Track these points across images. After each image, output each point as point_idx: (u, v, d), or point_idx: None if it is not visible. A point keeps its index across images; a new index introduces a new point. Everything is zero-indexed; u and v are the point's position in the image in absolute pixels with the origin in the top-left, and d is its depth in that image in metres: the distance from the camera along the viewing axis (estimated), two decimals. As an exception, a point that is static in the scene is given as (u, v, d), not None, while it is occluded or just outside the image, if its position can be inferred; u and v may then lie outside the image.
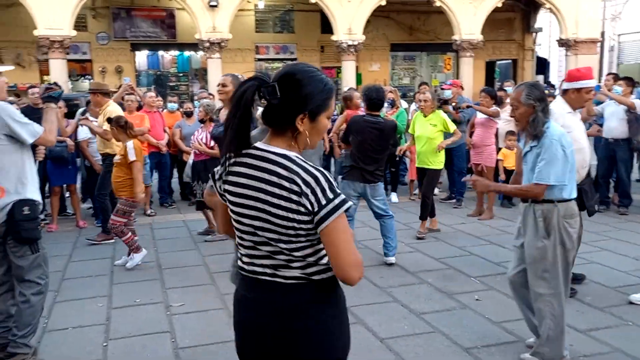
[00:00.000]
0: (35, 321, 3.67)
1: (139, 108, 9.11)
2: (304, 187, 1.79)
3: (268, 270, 1.92)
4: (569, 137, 3.57)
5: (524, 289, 3.76)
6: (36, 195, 3.65)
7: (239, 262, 2.01)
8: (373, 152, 5.69)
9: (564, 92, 4.54)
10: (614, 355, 3.77)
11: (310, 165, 1.84)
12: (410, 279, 5.36)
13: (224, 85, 5.01)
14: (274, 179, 1.83)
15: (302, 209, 1.80)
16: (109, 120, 5.88)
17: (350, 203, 1.84)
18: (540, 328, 3.63)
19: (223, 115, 5.16)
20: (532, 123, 3.48)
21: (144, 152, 6.86)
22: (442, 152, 6.84)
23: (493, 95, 7.97)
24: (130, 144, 5.62)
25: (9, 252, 3.56)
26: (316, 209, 1.79)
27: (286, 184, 1.81)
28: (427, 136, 6.70)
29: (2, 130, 3.48)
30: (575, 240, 3.63)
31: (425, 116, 6.80)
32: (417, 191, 9.06)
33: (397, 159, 9.16)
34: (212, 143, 6.41)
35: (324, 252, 1.90)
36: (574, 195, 3.57)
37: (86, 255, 6.23)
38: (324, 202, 1.78)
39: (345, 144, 6.09)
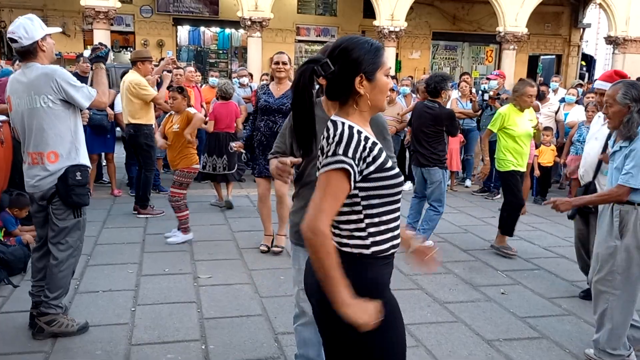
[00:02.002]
0: (66, 283, 3.73)
1: (178, 82, 9.26)
2: (325, 141, 1.92)
3: None
4: None
5: None
6: (87, 161, 3.67)
7: None
8: (425, 136, 5.80)
9: None
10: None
11: (347, 126, 1.91)
12: (438, 268, 5.34)
13: (284, 63, 5.21)
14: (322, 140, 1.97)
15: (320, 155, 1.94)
16: (180, 88, 5.90)
17: (342, 166, 1.85)
18: (597, 324, 3.60)
19: (274, 89, 5.37)
20: (626, 123, 3.38)
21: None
22: None
23: None
24: (191, 109, 5.90)
25: (51, 214, 3.58)
26: (322, 157, 1.91)
27: (322, 142, 1.95)
28: (529, 134, 5.96)
29: (58, 95, 3.45)
30: None
31: (521, 111, 5.92)
32: (449, 182, 9.00)
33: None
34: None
35: (347, 218, 1.95)
36: None
37: (119, 223, 6.38)
38: (330, 153, 1.88)
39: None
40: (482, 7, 18.99)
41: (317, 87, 2.10)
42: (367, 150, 1.90)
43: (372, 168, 1.90)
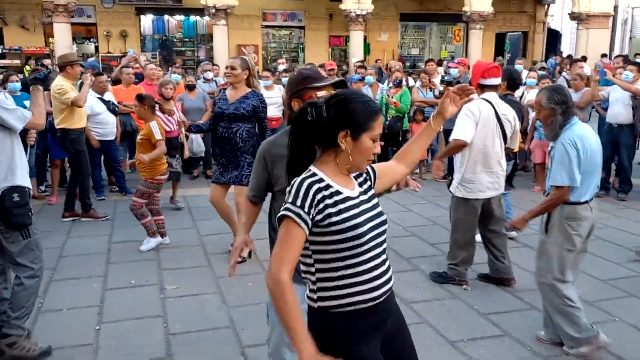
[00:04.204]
0: (29, 304, 3.71)
1: (141, 79, 9.09)
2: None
3: None
4: (589, 141, 3.57)
5: None
6: (25, 182, 3.64)
7: None
8: None
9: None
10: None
11: (305, 174, 1.97)
12: (404, 265, 5.39)
13: (233, 68, 5.13)
14: None
15: None
16: (139, 97, 5.81)
17: (286, 213, 1.90)
18: (545, 317, 3.90)
19: (230, 94, 5.24)
20: (550, 125, 3.61)
21: (140, 125, 6.96)
22: None
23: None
24: (154, 123, 5.63)
25: (1, 238, 3.57)
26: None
27: None
28: None
29: None
30: (578, 243, 3.67)
31: None
32: (417, 171, 9.08)
33: (400, 138, 9.16)
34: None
35: (317, 271, 2.00)
36: (584, 199, 3.60)
37: (84, 232, 6.30)
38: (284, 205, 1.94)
39: None
40: (448, -14, 18.98)
41: None
42: (318, 199, 1.91)
43: (319, 217, 1.91)
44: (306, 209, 1.89)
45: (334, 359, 1.91)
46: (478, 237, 5.00)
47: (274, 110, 7.90)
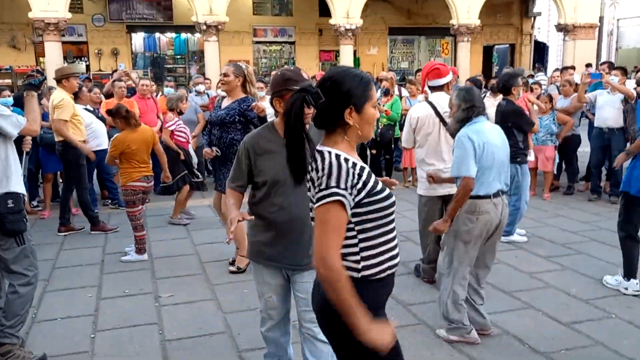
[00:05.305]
0: (24, 312, 3.68)
1: (134, 93, 9.11)
2: (314, 173, 1.99)
3: None
4: (485, 137, 3.72)
5: None
6: (20, 188, 3.63)
7: None
8: None
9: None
10: (594, 349, 3.81)
11: (334, 156, 1.99)
12: (401, 269, 5.26)
13: (225, 75, 5.04)
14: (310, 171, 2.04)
15: (310, 185, 2.01)
16: (109, 112, 5.76)
17: (337, 198, 1.92)
18: (438, 300, 4.04)
19: (224, 103, 5.20)
20: (451, 121, 3.90)
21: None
22: None
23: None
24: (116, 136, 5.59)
25: None
26: (315, 190, 1.97)
27: (311, 173, 2.02)
28: None
29: None
30: (476, 237, 3.78)
31: None
32: (410, 178, 9.11)
33: (392, 146, 9.21)
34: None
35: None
36: (482, 192, 3.73)
37: (77, 244, 6.26)
38: (322, 186, 1.95)
39: None
40: (436, 1, 19.17)
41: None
42: (357, 177, 1.98)
43: (363, 194, 1.99)
44: (349, 190, 1.95)
45: (390, 325, 2.02)
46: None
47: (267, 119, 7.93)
